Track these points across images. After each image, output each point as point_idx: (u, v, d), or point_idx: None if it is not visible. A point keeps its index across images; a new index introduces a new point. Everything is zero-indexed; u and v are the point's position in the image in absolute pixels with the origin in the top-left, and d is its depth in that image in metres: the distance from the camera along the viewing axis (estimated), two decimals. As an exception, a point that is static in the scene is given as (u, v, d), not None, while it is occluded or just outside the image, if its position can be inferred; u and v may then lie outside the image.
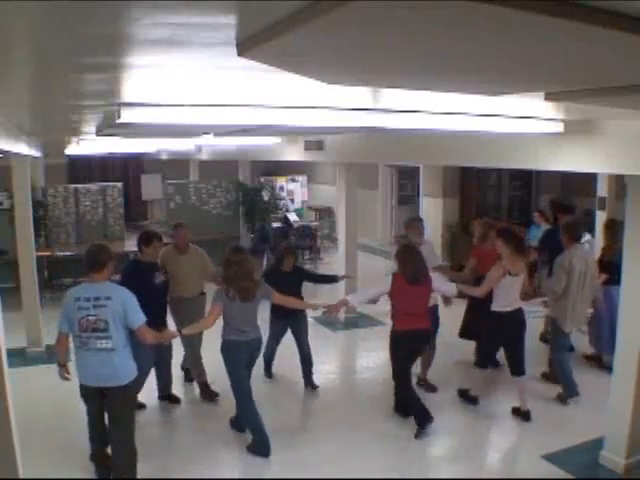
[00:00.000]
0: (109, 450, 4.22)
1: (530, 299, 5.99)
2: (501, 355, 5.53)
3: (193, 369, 5.94)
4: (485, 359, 5.50)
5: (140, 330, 3.97)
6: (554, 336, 5.68)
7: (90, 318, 3.84)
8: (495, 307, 5.20)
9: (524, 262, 5.26)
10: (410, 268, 4.94)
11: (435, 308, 5.78)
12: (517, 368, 5.28)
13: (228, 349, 4.71)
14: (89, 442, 4.33)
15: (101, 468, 4.29)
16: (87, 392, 4.06)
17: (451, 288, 5.32)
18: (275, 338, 6.07)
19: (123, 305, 3.88)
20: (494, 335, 5.28)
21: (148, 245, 5.25)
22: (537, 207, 10.93)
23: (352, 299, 5.64)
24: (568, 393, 5.53)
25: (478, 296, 5.34)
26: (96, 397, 4.05)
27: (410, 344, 5.03)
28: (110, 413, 4.08)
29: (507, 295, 5.13)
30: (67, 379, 4.19)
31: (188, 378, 6.17)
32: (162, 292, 5.37)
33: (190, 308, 5.63)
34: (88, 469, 4.36)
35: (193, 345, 5.69)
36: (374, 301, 5.37)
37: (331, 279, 6.36)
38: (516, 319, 5.21)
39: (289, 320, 5.88)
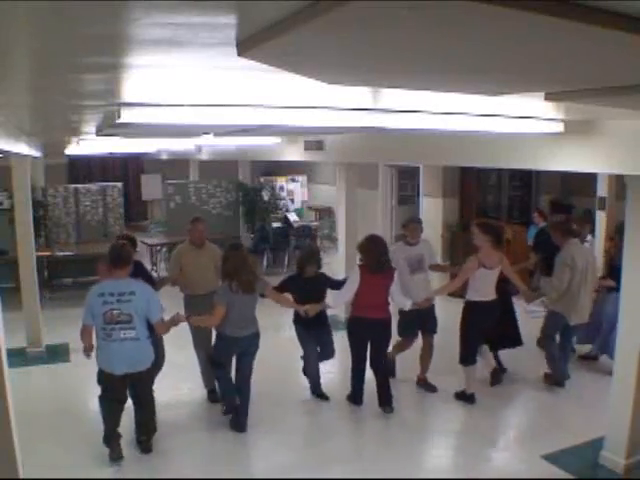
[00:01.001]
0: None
1: (532, 299, 6.02)
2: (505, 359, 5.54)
3: (203, 375, 5.71)
4: (469, 353, 5.50)
5: (157, 325, 4.45)
6: (547, 328, 5.90)
7: (115, 312, 4.24)
8: (470, 297, 5.38)
9: (502, 256, 5.36)
10: (372, 257, 5.07)
11: (432, 307, 5.80)
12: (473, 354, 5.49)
13: (221, 341, 4.94)
14: (104, 425, 4.51)
15: (115, 448, 4.51)
16: (109, 379, 4.38)
17: (402, 302, 5.34)
18: (309, 352, 5.67)
19: (147, 301, 4.33)
20: (471, 325, 5.37)
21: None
22: (537, 207, 10.93)
23: (334, 302, 5.51)
24: (558, 378, 5.76)
25: (454, 289, 5.65)
26: (119, 383, 4.41)
27: (365, 332, 5.18)
28: (136, 392, 4.54)
29: (481, 287, 5.28)
30: (89, 356, 4.50)
31: (212, 398, 5.70)
32: None
33: (203, 306, 5.23)
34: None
35: (205, 349, 5.48)
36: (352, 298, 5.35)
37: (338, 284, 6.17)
38: (491, 308, 5.36)
39: (315, 330, 5.58)
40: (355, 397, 5.51)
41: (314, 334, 5.59)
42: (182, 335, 5.36)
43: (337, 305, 5.50)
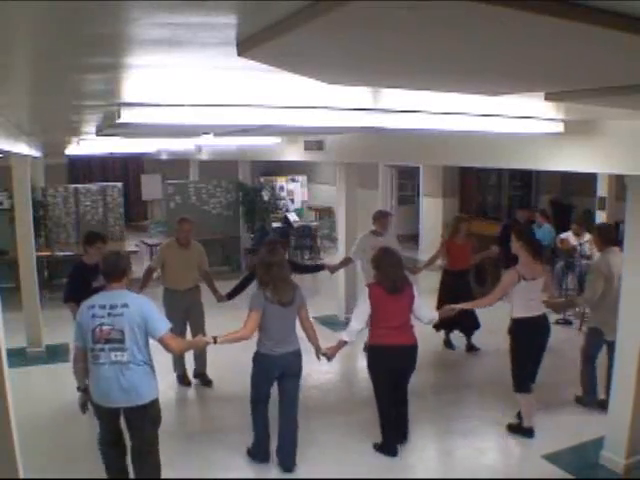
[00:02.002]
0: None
1: (560, 308, 5.77)
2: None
3: (174, 359, 5.96)
4: (525, 378, 4.79)
5: (164, 339, 3.57)
6: (588, 346, 5.32)
7: (104, 328, 3.46)
8: (515, 314, 4.76)
9: (542, 267, 4.89)
10: (387, 275, 4.46)
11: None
12: (534, 375, 4.86)
13: (259, 363, 4.28)
14: (106, 472, 3.86)
15: None
16: (100, 413, 3.65)
17: (428, 314, 4.74)
18: None
19: (142, 313, 3.50)
20: (523, 344, 4.73)
21: (90, 245, 5.27)
22: (537, 207, 10.92)
23: (348, 336, 4.58)
24: (588, 402, 5.36)
25: (487, 305, 4.89)
26: (111, 419, 3.65)
27: (390, 362, 4.48)
28: (132, 436, 3.70)
29: (526, 301, 4.69)
30: (84, 411, 3.77)
31: (204, 381, 6.13)
32: None
33: (184, 300, 5.84)
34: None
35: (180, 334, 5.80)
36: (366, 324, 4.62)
37: (315, 268, 6.59)
38: (541, 325, 4.79)
39: None
40: (389, 446, 4.64)
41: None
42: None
43: (353, 337, 4.56)
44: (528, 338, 4.74)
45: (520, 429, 4.89)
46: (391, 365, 4.50)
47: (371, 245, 6.23)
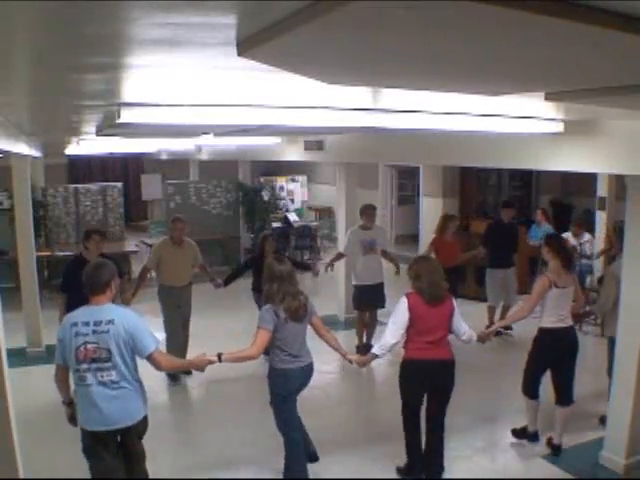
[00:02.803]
0: None
1: (579, 318, 5.61)
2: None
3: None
4: (532, 384, 4.71)
5: (154, 357, 3.32)
6: (611, 359, 4.78)
7: (89, 347, 3.21)
8: (544, 323, 4.55)
9: (572, 275, 4.72)
10: (428, 284, 4.01)
11: (382, 285, 6.67)
12: (565, 395, 4.65)
13: (278, 378, 3.97)
14: None
15: None
16: (94, 440, 3.32)
17: (467, 332, 4.22)
18: None
19: (128, 330, 3.25)
20: (543, 355, 4.61)
21: (87, 239, 5.41)
22: (537, 206, 10.93)
23: (380, 350, 4.15)
24: None
25: (524, 317, 4.61)
26: (108, 443, 3.35)
27: (425, 377, 4.08)
28: (126, 451, 3.46)
29: (556, 310, 4.49)
30: (75, 424, 3.47)
31: (171, 378, 6.13)
32: None
33: (179, 297, 6.14)
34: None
35: (177, 337, 6.11)
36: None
37: (304, 267, 6.88)
38: (568, 337, 4.58)
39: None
40: (413, 466, 4.27)
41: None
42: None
43: (387, 349, 4.10)
44: (549, 348, 4.58)
45: (524, 434, 4.85)
46: (427, 382, 4.10)
47: (360, 239, 6.66)
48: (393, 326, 4.04)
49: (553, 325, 4.51)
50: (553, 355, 4.59)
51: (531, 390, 4.73)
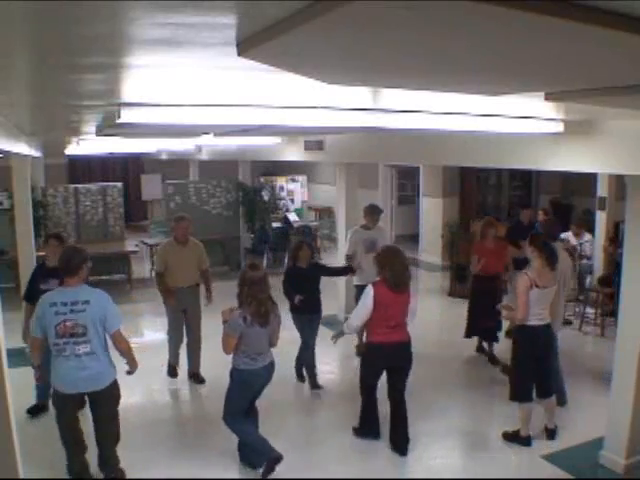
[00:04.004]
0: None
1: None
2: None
3: (190, 361, 6.17)
4: (523, 388, 4.73)
5: (115, 336, 3.92)
6: None
7: (68, 323, 3.74)
8: (520, 321, 4.66)
9: (554, 275, 4.71)
10: (392, 272, 4.49)
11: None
12: (545, 387, 4.80)
13: (240, 379, 4.27)
14: (66, 453, 4.17)
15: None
16: (65, 400, 3.96)
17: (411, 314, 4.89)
18: (305, 337, 5.91)
19: (103, 309, 3.84)
20: (525, 353, 4.69)
21: (45, 244, 5.35)
22: (536, 206, 10.93)
23: (348, 329, 4.83)
24: None
25: (522, 319, 4.61)
26: (75, 404, 3.99)
27: (387, 358, 4.58)
28: (97, 414, 4.05)
29: (534, 309, 4.57)
30: (39, 381, 4.28)
31: (198, 380, 6.16)
32: None
33: (184, 299, 5.99)
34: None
35: (179, 341, 6.11)
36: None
37: (344, 271, 6.58)
38: (545, 334, 4.69)
39: (309, 315, 5.83)
40: (366, 423, 4.92)
41: (308, 320, 5.81)
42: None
43: (352, 330, 4.88)
44: (528, 343, 4.67)
45: (517, 437, 4.82)
46: (388, 362, 4.63)
47: (362, 238, 6.63)
48: (359, 311, 4.59)
49: (530, 323, 4.60)
50: (533, 350, 4.66)
51: (522, 393, 4.73)
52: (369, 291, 4.52)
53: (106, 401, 4.00)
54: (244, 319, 4.09)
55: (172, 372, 6.23)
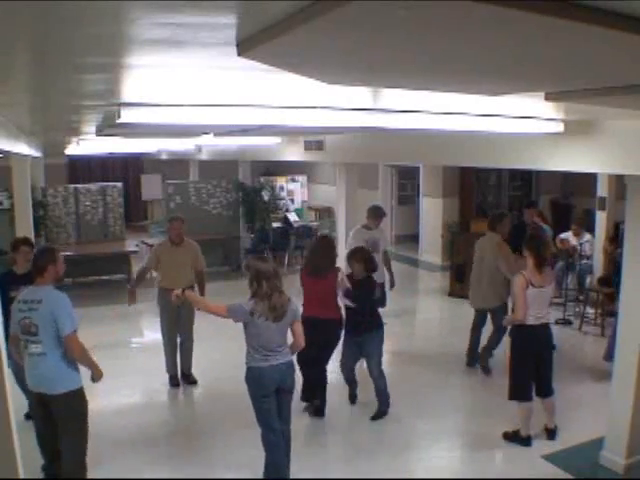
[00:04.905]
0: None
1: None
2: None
3: (167, 360, 6.11)
4: (521, 387, 4.72)
5: (67, 339, 3.67)
6: None
7: (26, 321, 3.71)
8: (517, 320, 4.66)
9: (545, 275, 4.68)
10: (307, 261, 5.27)
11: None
12: (545, 387, 4.79)
13: (253, 378, 3.97)
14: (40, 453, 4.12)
15: None
16: (30, 396, 4.01)
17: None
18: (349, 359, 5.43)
19: (52, 310, 3.66)
20: (522, 352, 4.67)
21: (15, 250, 4.90)
22: (539, 210, 10.92)
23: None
24: None
25: (521, 319, 4.57)
26: (39, 404, 3.86)
27: (314, 331, 4.61)
28: (55, 423, 3.83)
29: (531, 309, 4.57)
30: (18, 381, 4.27)
31: (189, 381, 6.13)
32: None
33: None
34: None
35: (174, 344, 6.05)
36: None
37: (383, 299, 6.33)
38: (543, 333, 4.68)
39: (362, 336, 5.23)
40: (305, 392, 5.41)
41: (356, 340, 5.25)
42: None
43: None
44: (525, 342, 4.65)
45: (517, 437, 4.80)
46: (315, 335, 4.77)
47: (364, 238, 6.68)
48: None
49: (528, 323, 4.58)
50: (531, 349, 4.66)
51: (520, 393, 4.72)
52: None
53: (60, 411, 3.76)
54: (251, 313, 3.85)
55: (173, 382, 6.10)
